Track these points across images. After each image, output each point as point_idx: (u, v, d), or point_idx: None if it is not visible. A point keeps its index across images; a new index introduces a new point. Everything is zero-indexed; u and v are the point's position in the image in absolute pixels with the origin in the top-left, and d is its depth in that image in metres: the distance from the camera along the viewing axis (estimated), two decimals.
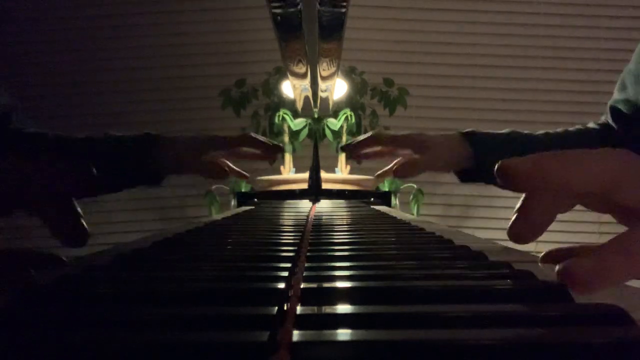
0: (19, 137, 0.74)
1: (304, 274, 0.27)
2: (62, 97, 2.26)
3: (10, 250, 0.31)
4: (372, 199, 1.17)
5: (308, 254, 0.34)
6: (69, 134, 0.75)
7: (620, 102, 0.78)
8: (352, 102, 1.84)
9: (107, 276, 0.29)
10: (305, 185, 1.07)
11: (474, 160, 0.74)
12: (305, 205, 0.92)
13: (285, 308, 0.21)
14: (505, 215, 0.28)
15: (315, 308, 0.21)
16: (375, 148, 0.79)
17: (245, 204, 1.11)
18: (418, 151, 0.74)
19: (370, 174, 1.28)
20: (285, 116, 1.59)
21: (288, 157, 1.51)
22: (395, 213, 0.83)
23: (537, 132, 0.78)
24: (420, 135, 0.75)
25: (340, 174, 1.40)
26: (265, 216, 0.76)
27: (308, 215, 0.67)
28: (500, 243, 0.47)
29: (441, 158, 0.75)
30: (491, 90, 2.27)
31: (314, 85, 0.71)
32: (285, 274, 0.26)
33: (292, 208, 0.86)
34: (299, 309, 0.20)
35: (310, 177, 1.04)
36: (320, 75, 0.67)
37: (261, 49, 2.13)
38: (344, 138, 1.61)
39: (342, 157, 1.55)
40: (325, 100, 0.92)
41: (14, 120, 0.75)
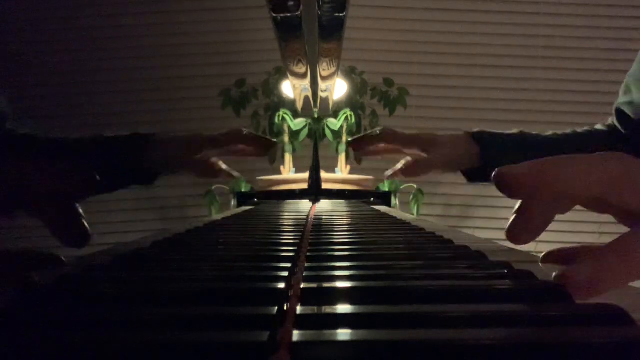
0: (10, 140, 0.74)
1: (304, 274, 0.27)
2: (62, 97, 2.26)
3: (10, 250, 0.31)
4: (372, 199, 1.17)
5: (308, 254, 0.34)
6: (60, 136, 0.75)
7: (625, 105, 0.77)
8: (352, 102, 1.84)
9: (107, 276, 0.29)
10: (305, 185, 1.07)
11: (481, 160, 0.74)
12: (305, 205, 0.92)
13: (285, 308, 0.21)
14: (505, 215, 0.28)
15: (315, 308, 0.21)
16: (382, 145, 0.79)
17: (245, 204, 1.11)
18: (426, 151, 0.74)
19: (370, 174, 1.28)
20: (285, 116, 1.59)
21: (288, 157, 1.51)
22: (395, 213, 0.83)
23: (546, 133, 0.78)
24: (428, 134, 0.75)
25: (340, 174, 1.40)
26: (265, 216, 0.76)
27: (308, 215, 0.67)
28: (500, 243, 0.47)
29: (449, 158, 0.75)
30: (491, 90, 2.27)
31: (314, 85, 0.71)
32: (285, 274, 0.26)
33: (292, 208, 0.86)
34: (299, 309, 0.20)
35: (310, 177, 1.04)
36: (320, 75, 0.67)
37: (261, 49, 2.13)
38: (344, 138, 1.61)
39: (342, 157, 1.55)
40: (325, 100, 0.92)
41: (7, 125, 0.75)
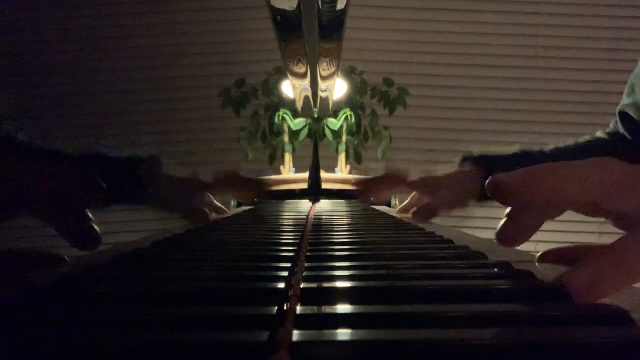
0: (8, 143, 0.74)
1: (304, 274, 0.27)
2: (62, 97, 2.26)
3: (10, 250, 0.31)
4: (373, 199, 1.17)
5: (308, 254, 0.34)
6: (60, 142, 0.76)
7: (629, 107, 0.76)
8: (352, 102, 1.84)
9: (107, 276, 0.29)
10: (305, 185, 1.07)
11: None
12: (305, 205, 0.92)
13: (285, 308, 0.21)
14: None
15: (315, 308, 0.21)
16: (387, 189, 0.80)
17: (245, 204, 1.11)
18: (433, 195, 0.75)
19: (370, 174, 1.28)
20: (285, 116, 1.59)
21: (288, 157, 1.51)
22: (395, 213, 0.82)
23: (547, 148, 0.78)
24: (432, 181, 0.76)
25: (340, 174, 1.40)
26: (265, 216, 0.76)
27: (308, 215, 0.67)
28: None
29: (457, 197, 0.76)
30: (491, 90, 2.27)
31: (314, 85, 0.71)
32: (285, 274, 0.26)
33: (292, 208, 0.86)
34: (299, 309, 0.20)
35: (310, 177, 1.04)
36: (320, 75, 0.67)
37: (261, 49, 2.13)
38: (344, 138, 1.61)
39: (342, 157, 1.55)
40: (325, 100, 0.92)
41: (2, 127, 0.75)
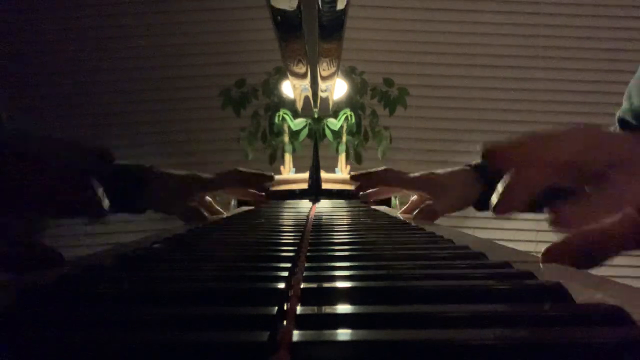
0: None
1: (304, 274, 0.27)
2: (62, 97, 2.26)
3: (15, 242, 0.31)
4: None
5: (308, 254, 0.34)
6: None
7: (627, 113, 0.76)
8: (352, 102, 1.84)
9: (107, 276, 0.29)
10: (305, 185, 1.07)
11: (486, 190, 0.74)
12: (305, 205, 0.92)
13: (285, 308, 0.21)
14: (505, 216, 0.29)
15: (315, 308, 0.21)
16: (385, 187, 0.80)
17: (245, 204, 1.11)
18: (433, 194, 0.74)
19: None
20: (285, 116, 1.59)
21: (288, 157, 1.51)
22: (395, 213, 0.82)
23: None
24: (433, 178, 0.76)
25: (340, 174, 1.40)
26: (265, 216, 0.76)
27: (308, 215, 0.67)
28: (500, 243, 0.47)
29: (456, 199, 0.75)
30: (491, 90, 2.27)
31: (314, 85, 0.71)
32: (285, 274, 0.26)
33: (292, 208, 0.86)
34: (299, 309, 0.20)
35: (310, 177, 1.04)
36: (320, 75, 0.67)
37: (261, 49, 2.13)
38: (344, 138, 1.61)
39: (342, 157, 1.55)
40: (325, 100, 0.92)
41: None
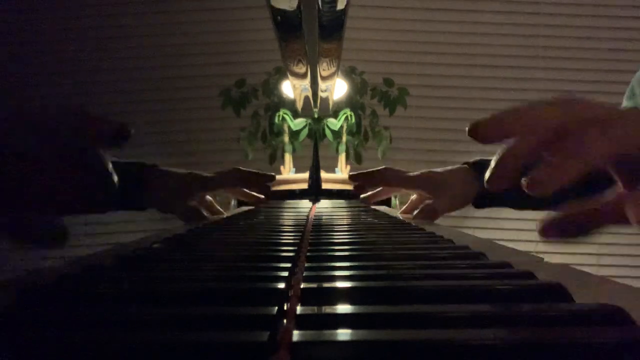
0: None
1: (304, 274, 0.27)
2: (62, 97, 2.26)
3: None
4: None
5: (308, 254, 0.34)
6: None
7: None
8: (352, 102, 1.84)
9: (107, 276, 0.29)
10: (305, 185, 1.07)
11: (484, 188, 0.74)
12: (305, 205, 0.92)
13: (285, 308, 0.21)
14: (505, 215, 0.29)
15: (315, 308, 0.21)
16: (384, 185, 0.80)
17: (245, 204, 1.11)
18: (433, 193, 0.74)
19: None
20: (285, 116, 1.59)
21: (288, 157, 1.51)
22: (396, 213, 0.83)
23: None
24: (432, 176, 0.76)
25: (340, 174, 1.39)
26: (265, 216, 0.76)
27: (308, 215, 0.67)
28: (500, 243, 0.47)
29: (455, 198, 0.75)
30: (491, 90, 2.27)
31: (314, 85, 0.71)
32: (285, 274, 0.26)
33: (292, 208, 0.86)
34: (299, 309, 0.20)
35: (310, 177, 1.04)
36: (320, 75, 0.67)
37: (261, 49, 2.13)
38: (344, 138, 1.61)
39: (342, 157, 1.55)
40: (325, 100, 0.92)
41: None
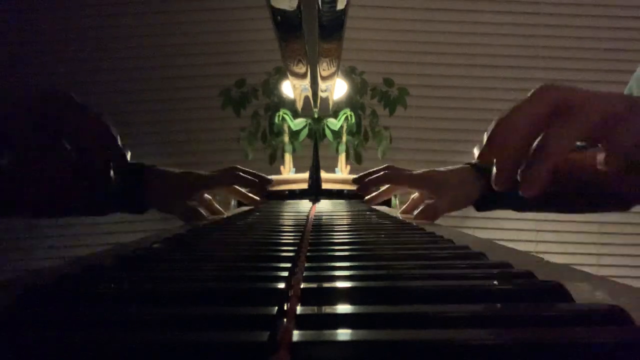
0: None
1: (304, 274, 0.27)
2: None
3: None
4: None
5: (308, 254, 0.34)
6: None
7: None
8: (352, 102, 1.84)
9: (107, 276, 0.29)
10: (305, 185, 1.07)
11: (486, 189, 0.74)
12: (305, 205, 0.92)
13: (285, 308, 0.21)
14: (505, 215, 0.29)
15: (315, 308, 0.21)
16: (387, 183, 0.80)
17: (245, 204, 1.11)
18: (435, 191, 0.75)
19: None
20: (285, 116, 1.59)
21: (288, 157, 1.51)
22: (396, 213, 0.82)
23: None
24: (435, 175, 0.76)
25: (340, 174, 1.39)
26: (265, 216, 0.76)
27: (308, 215, 0.67)
28: (500, 243, 0.47)
29: (459, 197, 0.76)
30: (491, 90, 2.27)
31: (314, 85, 0.71)
32: (285, 274, 0.26)
33: (292, 208, 0.86)
34: (299, 309, 0.20)
35: (310, 177, 1.04)
36: (320, 75, 0.67)
37: (261, 49, 2.13)
38: (344, 138, 1.61)
39: (342, 157, 1.55)
40: (325, 100, 0.92)
41: None
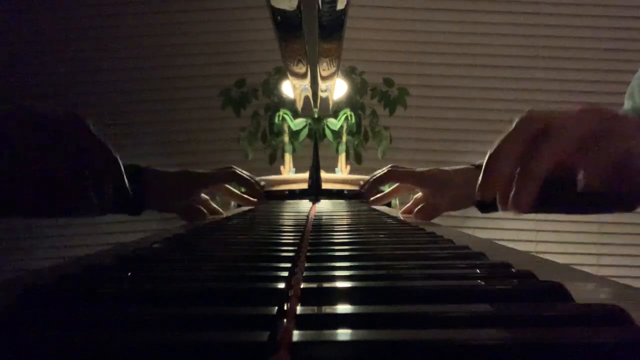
0: None
1: (304, 274, 0.27)
2: (62, 97, 2.26)
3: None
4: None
5: (308, 254, 0.34)
6: None
7: (629, 112, 0.76)
8: (352, 102, 1.84)
9: (107, 276, 0.29)
10: (305, 185, 1.07)
11: None
12: (305, 205, 0.92)
13: (285, 308, 0.21)
14: (505, 216, 0.29)
15: (315, 308, 0.21)
16: (393, 181, 0.81)
17: (244, 205, 1.11)
18: (438, 191, 0.75)
19: (370, 175, 1.28)
20: (285, 116, 1.59)
21: (288, 157, 1.51)
22: (396, 213, 0.83)
23: None
24: (438, 173, 0.76)
25: (340, 174, 1.40)
26: (265, 216, 0.76)
27: (308, 215, 0.67)
28: (500, 243, 0.47)
29: (461, 197, 0.76)
30: (491, 90, 2.27)
31: (314, 85, 0.71)
32: (285, 274, 0.26)
33: (292, 208, 0.86)
34: (299, 309, 0.20)
35: (310, 177, 1.04)
36: (320, 75, 0.67)
37: (261, 49, 2.13)
38: (344, 138, 1.61)
39: (342, 157, 1.55)
40: (325, 100, 0.92)
41: None
